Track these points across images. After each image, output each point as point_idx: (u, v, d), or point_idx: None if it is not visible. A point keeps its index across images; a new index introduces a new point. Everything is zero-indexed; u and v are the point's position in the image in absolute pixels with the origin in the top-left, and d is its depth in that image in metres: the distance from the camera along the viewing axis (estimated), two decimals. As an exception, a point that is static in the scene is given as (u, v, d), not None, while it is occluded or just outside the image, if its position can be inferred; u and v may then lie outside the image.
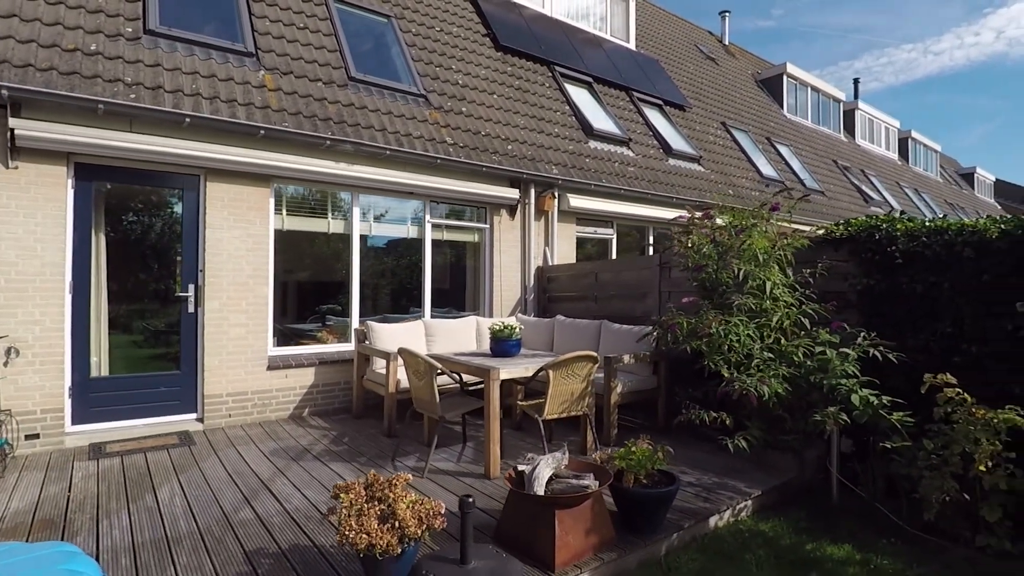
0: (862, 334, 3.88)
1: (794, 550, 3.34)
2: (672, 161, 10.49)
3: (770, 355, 3.99)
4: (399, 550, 2.45)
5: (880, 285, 4.27)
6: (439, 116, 7.39)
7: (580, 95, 10.17)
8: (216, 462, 4.46)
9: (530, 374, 4.34)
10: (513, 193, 7.58)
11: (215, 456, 4.60)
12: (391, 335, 5.81)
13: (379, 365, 5.63)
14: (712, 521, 3.59)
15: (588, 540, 2.96)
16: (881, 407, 3.58)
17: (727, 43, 20.24)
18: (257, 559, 2.92)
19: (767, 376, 3.75)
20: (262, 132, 5.60)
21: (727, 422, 3.90)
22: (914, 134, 25.61)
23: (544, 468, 3.04)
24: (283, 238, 6.15)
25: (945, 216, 4.52)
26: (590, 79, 10.60)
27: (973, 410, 3.27)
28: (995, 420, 3.20)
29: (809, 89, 19.31)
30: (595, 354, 4.32)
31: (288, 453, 4.70)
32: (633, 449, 3.33)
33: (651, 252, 9.35)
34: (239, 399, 5.61)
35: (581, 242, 8.80)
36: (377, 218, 6.91)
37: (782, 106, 17.98)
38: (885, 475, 3.81)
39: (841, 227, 4.56)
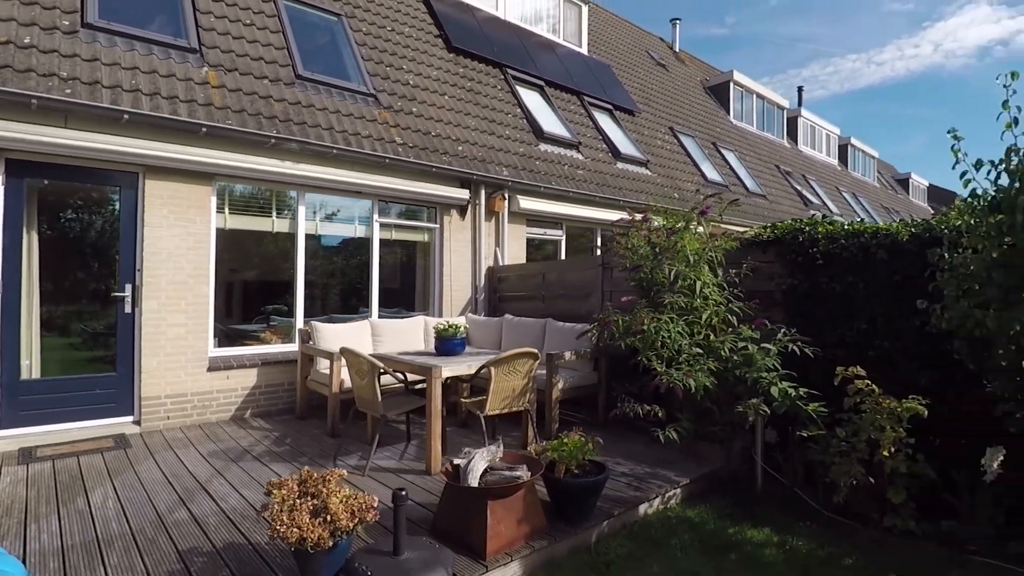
0: (782, 330, 4.11)
1: (717, 535, 3.53)
2: (620, 165, 10.75)
3: (699, 350, 4.17)
4: (331, 543, 2.50)
5: (803, 285, 4.52)
6: (389, 116, 7.41)
7: (532, 98, 10.32)
8: (152, 464, 4.39)
9: (472, 371, 4.44)
10: (463, 194, 7.66)
11: (152, 459, 4.53)
12: (336, 335, 5.80)
13: (323, 365, 5.62)
14: (642, 509, 3.75)
15: (520, 529, 3.06)
16: (798, 398, 3.80)
17: (677, 50, 20.79)
18: (190, 558, 2.92)
19: (694, 370, 3.93)
20: (204, 130, 5.52)
21: (660, 415, 4.07)
22: (853, 141, 26.80)
23: (479, 461, 3.13)
24: (226, 237, 6.06)
25: (863, 220, 4.81)
26: (542, 83, 10.77)
27: (880, 400, 3.52)
28: (899, 409, 3.45)
29: (755, 96, 20.00)
30: (535, 351, 4.45)
31: (228, 454, 4.66)
32: (565, 441, 3.45)
33: (599, 254, 9.57)
34: (178, 401, 5.52)
35: (538, 243, 8.94)
36: (325, 218, 6.88)
37: (729, 112, 18.57)
38: (803, 462, 4.04)
39: (768, 230, 4.80)
